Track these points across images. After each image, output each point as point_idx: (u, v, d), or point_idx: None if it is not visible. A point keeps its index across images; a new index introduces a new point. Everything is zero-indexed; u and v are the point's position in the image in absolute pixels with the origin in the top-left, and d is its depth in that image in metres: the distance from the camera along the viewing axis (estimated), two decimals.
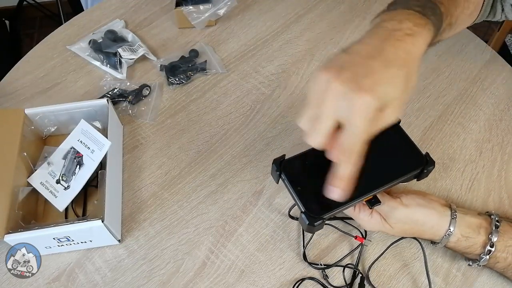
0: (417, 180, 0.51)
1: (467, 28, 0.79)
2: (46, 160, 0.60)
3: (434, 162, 0.49)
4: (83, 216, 0.60)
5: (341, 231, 0.57)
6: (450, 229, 0.51)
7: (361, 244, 0.56)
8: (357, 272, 0.55)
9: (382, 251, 0.56)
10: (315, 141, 0.39)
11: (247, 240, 0.58)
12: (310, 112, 0.39)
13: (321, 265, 0.55)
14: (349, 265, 0.56)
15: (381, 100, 0.36)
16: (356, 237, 0.56)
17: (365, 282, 0.54)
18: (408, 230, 0.52)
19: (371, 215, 0.52)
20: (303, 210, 0.46)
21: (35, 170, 0.60)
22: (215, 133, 0.68)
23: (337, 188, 0.41)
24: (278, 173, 0.49)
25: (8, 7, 1.88)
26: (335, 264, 0.56)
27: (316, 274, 0.55)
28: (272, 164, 0.49)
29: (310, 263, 0.56)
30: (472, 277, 0.55)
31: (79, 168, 0.59)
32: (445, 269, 0.55)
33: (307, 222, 0.45)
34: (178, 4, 0.80)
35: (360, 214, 0.52)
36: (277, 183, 0.50)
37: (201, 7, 0.79)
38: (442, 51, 0.77)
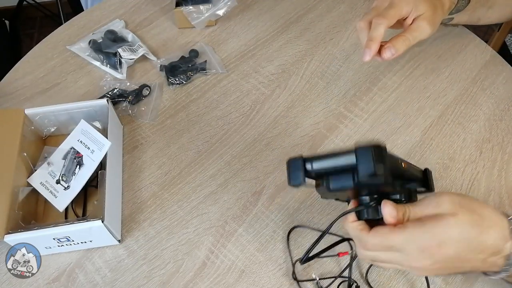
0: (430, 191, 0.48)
1: (467, 28, 0.79)
2: (46, 160, 0.60)
3: (430, 171, 0.48)
4: (83, 216, 0.60)
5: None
6: None
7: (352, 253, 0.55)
8: (352, 283, 0.53)
9: None
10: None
11: (247, 240, 0.58)
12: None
13: (314, 279, 0.54)
14: (342, 276, 0.54)
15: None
16: (339, 255, 0.54)
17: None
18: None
19: None
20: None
21: (35, 170, 0.60)
22: (215, 133, 0.68)
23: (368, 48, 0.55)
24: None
25: (8, 7, 1.88)
26: (329, 277, 0.54)
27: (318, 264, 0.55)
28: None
29: (300, 281, 0.54)
30: (472, 277, 0.55)
31: (79, 168, 0.59)
32: None
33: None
34: (178, 4, 0.80)
35: None
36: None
37: (201, 7, 0.79)
38: (442, 51, 0.77)
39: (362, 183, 0.39)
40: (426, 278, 0.53)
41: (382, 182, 0.39)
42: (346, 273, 0.54)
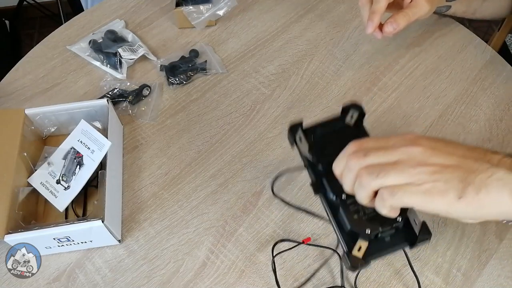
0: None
1: (467, 28, 0.79)
2: (46, 160, 0.60)
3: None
4: (83, 216, 0.60)
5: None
6: None
7: (340, 259, 0.55)
8: None
9: None
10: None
11: (247, 240, 0.59)
12: None
13: None
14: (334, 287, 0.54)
15: None
16: (303, 242, 0.56)
17: None
18: None
19: None
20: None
21: (35, 170, 0.60)
22: (215, 133, 0.68)
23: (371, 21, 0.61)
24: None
25: (8, 7, 1.88)
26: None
27: (312, 272, 0.55)
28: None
29: None
30: (472, 277, 0.55)
31: (79, 168, 0.59)
32: (445, 269, 0.55)
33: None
34: (178, 4, 0.80)
35: None
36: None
37: (201, 7, 0.79)
38: (442, 51, 0.77)
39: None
40: (417, 279, 0.52)
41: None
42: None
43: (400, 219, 0.44)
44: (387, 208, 0.40)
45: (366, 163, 0.41)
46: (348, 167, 0.42)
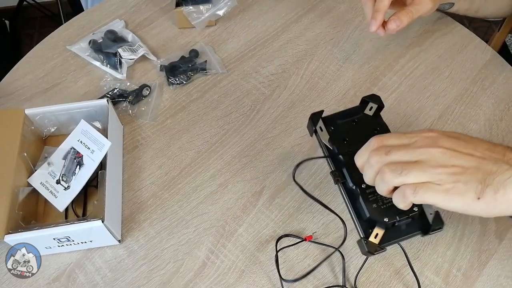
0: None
1: (467, 28, 0.79)
2: (46, 160, 0.60)
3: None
4: (83, 216, 0.60)
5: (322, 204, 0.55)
6: None
7: (343, 258, 0.56)
8: None
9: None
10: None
11: (247, 240, 0.59)
12: None
13: None
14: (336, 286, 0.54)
15: None
16: (306, 239, 0.57)
17: None
18: None
19: None
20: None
21: (35, 170, 0.60)
22: (215, 133, 0.68)
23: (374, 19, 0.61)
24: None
25: (8, 7, 1.88)
26: None
27: (311, 275, 0.55)
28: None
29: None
30: (472, 277, 0.55)
31: (79, 168, 0.59)
32: (445, 269, 0.55)
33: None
34: (178, 4, 0.80)
35: None
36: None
37: (201, 7, 0.79)
38: (442, 51, 0.77)
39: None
40: (415, 276, 0.52)
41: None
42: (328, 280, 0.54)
43: (417, 209, 0.47)
44: (408, 203, 0.43)
45: (388, 160, 0.43)
46: (369, 163, 0.44)
